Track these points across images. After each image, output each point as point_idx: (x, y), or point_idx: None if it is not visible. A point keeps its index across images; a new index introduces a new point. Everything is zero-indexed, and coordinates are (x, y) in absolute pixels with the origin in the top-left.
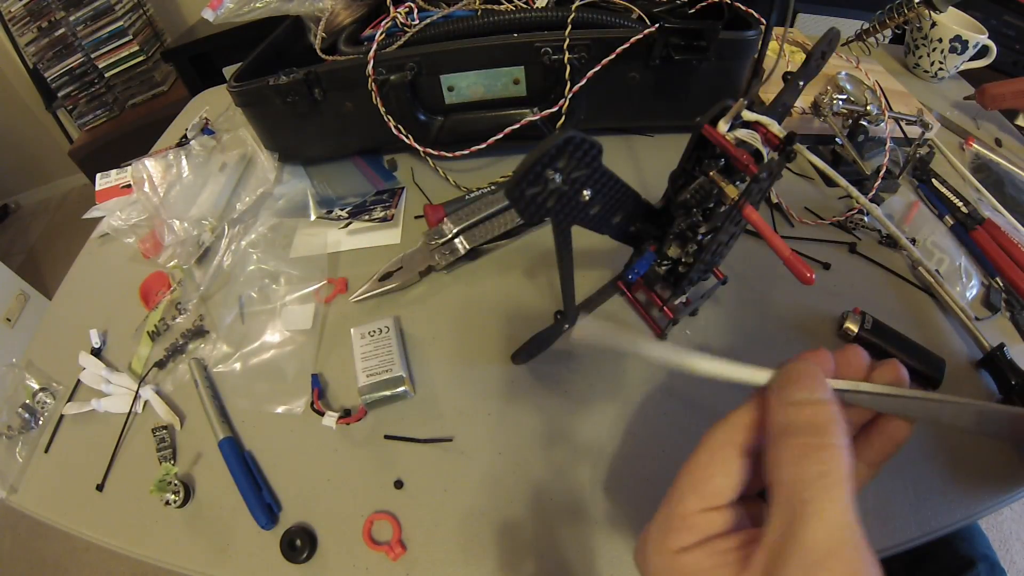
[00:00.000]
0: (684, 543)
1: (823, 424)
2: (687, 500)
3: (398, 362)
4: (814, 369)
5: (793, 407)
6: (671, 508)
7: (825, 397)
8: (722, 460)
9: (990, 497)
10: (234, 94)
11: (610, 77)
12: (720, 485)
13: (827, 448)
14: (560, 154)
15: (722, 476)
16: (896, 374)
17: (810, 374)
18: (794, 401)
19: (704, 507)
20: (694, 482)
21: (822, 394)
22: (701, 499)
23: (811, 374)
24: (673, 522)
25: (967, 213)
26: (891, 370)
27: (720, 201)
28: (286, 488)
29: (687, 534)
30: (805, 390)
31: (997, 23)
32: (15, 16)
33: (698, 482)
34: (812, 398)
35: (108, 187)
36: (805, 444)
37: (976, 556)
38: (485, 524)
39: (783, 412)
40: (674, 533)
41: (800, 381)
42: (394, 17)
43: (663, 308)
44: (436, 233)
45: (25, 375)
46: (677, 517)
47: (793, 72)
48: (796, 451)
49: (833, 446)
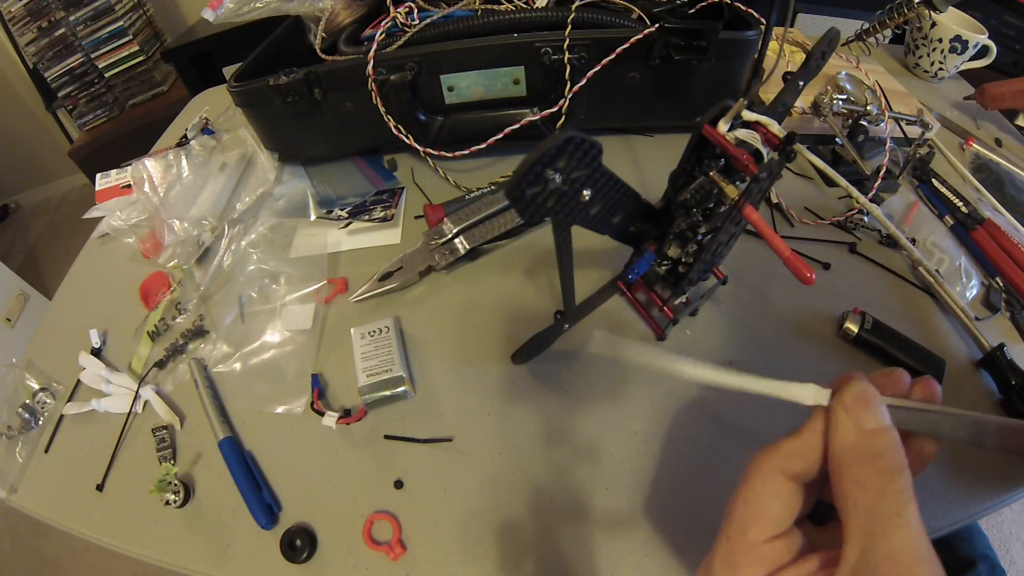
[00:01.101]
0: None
1: (895, 448)
2: (749, 531)
3: (398, 362)
4: (875, 392)
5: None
6: (732, 542)
7: (889, 423)
8: (776, 487)
9: (990, 497)
10: (234, 94)
11: (610, 77)
12: (778, 513)
13: (902, 471)
14: (560, 154)
15: (779, 503)
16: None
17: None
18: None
19: (767, 536)
20: (752, 513)
21: (887, 420)
22: (762, 529)
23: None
24: (739, 556)
25: (967, 213)
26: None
27: (720, 201)
28: (286, 488)
29: (758, 567)
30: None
31: (997, 23)
32: (15, 16)
33: (756, 512)
34: (881, 425)
35: (108, 187)
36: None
37: (976, 556)
38: (485, 524)
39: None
40: (744, 568)
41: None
42: (394, 17)
43: (663, 308)
44: (436, 233)
45: (25, 375)
46: (742, 549)
47: (793, 72)
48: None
49: (903, 468)
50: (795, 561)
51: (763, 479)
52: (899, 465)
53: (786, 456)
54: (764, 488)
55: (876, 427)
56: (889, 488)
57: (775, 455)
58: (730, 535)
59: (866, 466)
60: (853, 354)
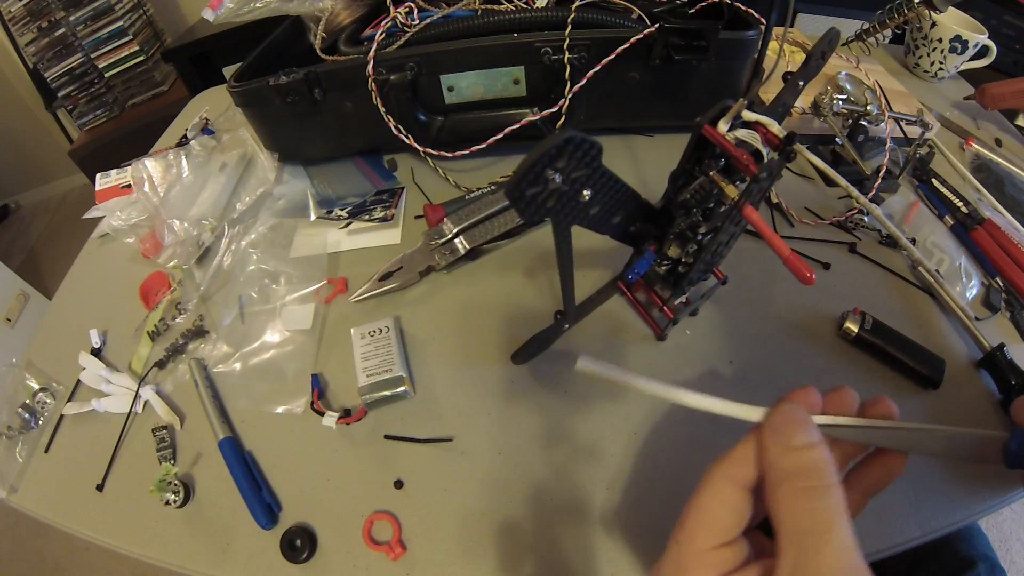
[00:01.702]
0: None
1: (819, 466)
2: (697, 538)
3: (398, 362)
4: (803, 413)
5: (791, 452)
6: (682, 547)
7: (816, 440)
8: (726, 496)
9: (990, 497)
10: (234, 94)
11: (610, 77)
12: (727, 521)
13: (826, 488)
14: (560, 154)
15: (728, 512)
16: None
17: (800, 419)
18: (791, 446)
19: (715, 544)
20: (701, 519)
21: (813, 438)
22: (711, 536)
23: (801, 420)
24: (687, 561)
25: (967, 213)
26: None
27: (720, 201)
28: (286, 488)
29: (703, 572)
30: (799, 435)
31: (997, 23)
32: (15, 16)
33: (705, 519)
34: (806, 442)
35: (108, 187)
36: (806, 487)
37: (976, 556)
38: (485, 524)
39: (782, 457)
40: (690, 572)
41: (793, 426)
42: (394, 17)
43: (663, 308)
44: (436, 233)
45: (25, 375)
46: (690, 555)
47: (793, 72)
48: (799, 493)
49: (831, 485)
50: (739, 569)
51: (714, 488)
52: (827, 483)
53: (732, 464)
54: (714, 497)
55: (801, 444)
56: (816, 504)
57: (723, 463)
58: (680, 539)
59: (794, 483)
60: (853, 354)
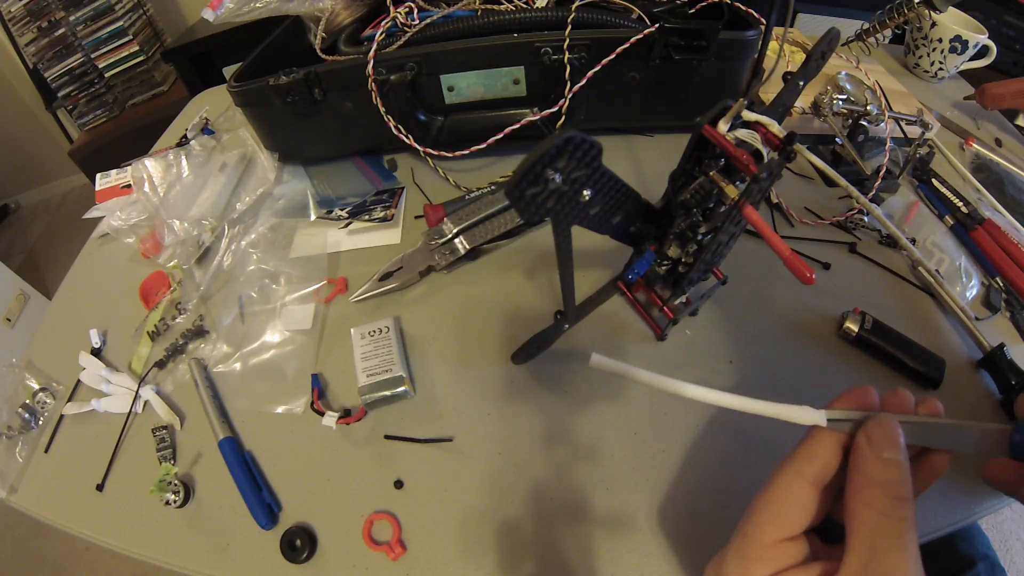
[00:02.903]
0: (763, 573)
1: (904, 480)
2: (766, 530)
3: (398, 362)
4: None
5: (882, 462)
6: (749, 538)
7: (904, 457)
8: (796, 492)
9: (990, 497)
10: (234, 94)
11: (610, 77)
12: (795, 516)
13: (906, 500)
14: (560, 154)
15: (797, 507)
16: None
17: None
18: (884, 457)
19: (781, 537)
20: (771, 513)
21: (902, 454)
22: (778, 529)
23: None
24: (752, 551)
25: (967, 213)
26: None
27: (720, 201)
28: (286, 488)
29: (766, 565)
30: (895, 450)
31: (997, 23)
32: (15, 16)
33: (775, 513)
34: (896, 458)
35: (108, 187)
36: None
37: (976, 556)
38: (485, 524)
39: (873, 464)
40: (754, 563)
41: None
42: (394, 17)
43: (663, 308)
44: (436, 233)
45: (25, 375)
46: (756, 547)
47: (793, 72)
48: (885, 501)
49: (911, 500)
50: (801, 565)
51: (786, 483)
52: (906, 495)
53: (805, 460)
54: (786, 492)
55: (893, 459)
56: (895, 513)
57: (797, 460)
58: (747, 532)
59: (877, 490)
60: (853, 354)
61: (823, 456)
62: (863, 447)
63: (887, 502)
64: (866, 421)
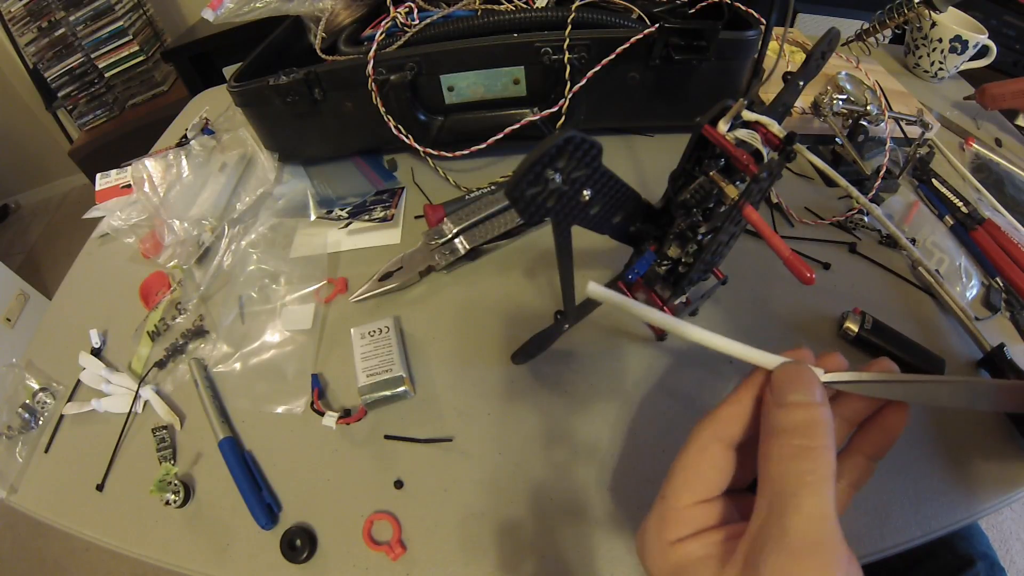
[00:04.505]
0: (679, 535)
1: (813, 426)
2: (680, 494)
3: (398, 362)
4: (809, 372)
5: (787, 408)
6: (666, 502)
7: (818, 399)
8: (711, 455)
9: (990, 497)
10: (234, 94)
11: (610, 77)
12: (710, 479)
13: (815, 449)
14: (560, 154)
15: (711, 470)
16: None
17: (806, 377)
18: (789, 403)
19: (696, 500)
20: (686, 477)
21: (815, 396)
22: (693, 493)
23: (807, 377)
24: (668, 515)
25: (967, 213)
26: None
27: (720, 201)
28: (286, 488)
29: (681, 526)
30: (800, 392)
31: (997, 23)
32: (15, 16)
33: (690, 477)
34: (806, 400)
35: (108, 187)
36: (796, 444)
37: (976, 555)
38: (485, 524)
39: (778, 412)
40: (669, 525)
41: (796, 382)
42: (394, 17)
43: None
44: (436, 233)
45: (25, 375)
46: (672, 510)
47: (793, 72)
48: (786, 450)
49: (821, 447)
50: (719, 526)
51: (700, 446)
52: (815, 444)
53: (719, 421)
54: (700, 454)
55: (797, 401)
56: (801, 466)
57: (711, 422)
58: (666, 495)
59: (782, 440)
60: (853, 354)
61: (738, 414)
62: (765, 396)
63: (791, 452)
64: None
